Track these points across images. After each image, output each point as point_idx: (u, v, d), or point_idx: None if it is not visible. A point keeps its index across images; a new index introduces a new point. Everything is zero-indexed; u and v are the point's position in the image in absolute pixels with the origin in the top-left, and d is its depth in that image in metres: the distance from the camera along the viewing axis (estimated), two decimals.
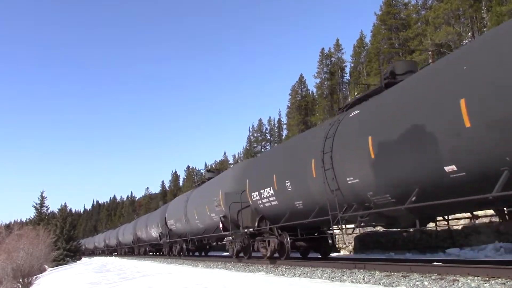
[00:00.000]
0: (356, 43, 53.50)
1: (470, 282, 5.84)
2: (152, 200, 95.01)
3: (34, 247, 29.26)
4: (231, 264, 15.29)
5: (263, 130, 67.62)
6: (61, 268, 36.94)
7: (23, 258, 27.21)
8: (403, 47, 40.44)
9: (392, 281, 6.85)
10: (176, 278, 10.77)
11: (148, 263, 23.20)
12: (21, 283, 26.30)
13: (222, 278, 9.86)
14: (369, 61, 46.71)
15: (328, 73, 53.29)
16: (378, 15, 43.49)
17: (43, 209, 53.70)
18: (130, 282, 11.77)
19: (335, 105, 48.41)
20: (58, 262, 42.37)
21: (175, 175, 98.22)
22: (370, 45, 47.31)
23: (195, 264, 17.83)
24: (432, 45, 36.74)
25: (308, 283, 7.73)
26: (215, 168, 25.46)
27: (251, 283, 8.33)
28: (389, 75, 8.75)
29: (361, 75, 49.63)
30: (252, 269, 12.22)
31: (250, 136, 70.22)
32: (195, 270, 14.27)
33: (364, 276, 7.80)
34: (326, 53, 54.13)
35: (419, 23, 41.32)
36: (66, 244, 46.43)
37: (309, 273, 9.50)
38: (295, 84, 57.74)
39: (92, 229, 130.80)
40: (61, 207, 55.56)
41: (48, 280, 24.19)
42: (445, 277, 6.47)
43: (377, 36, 43.28)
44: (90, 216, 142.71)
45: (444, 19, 35.92)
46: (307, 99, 55.94)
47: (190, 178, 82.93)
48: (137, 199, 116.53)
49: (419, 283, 6.34)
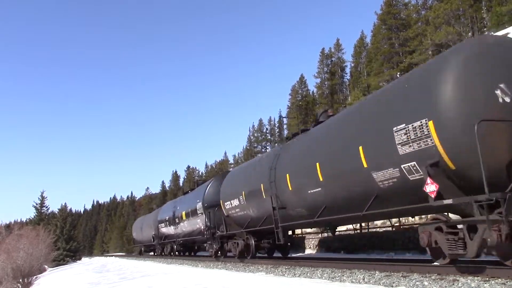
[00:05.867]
0: (357, 43, 53.51)
1: (470, 282, 5.83)
2: (152, 200, 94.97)
3: (34, 247, 29.27)
4: (231, 264, 15.29)
5: (264, 130, 67.62)
6: (61, 268, 36.94)
7: (23, 258, 27.23)
8: (403, 47, 40.42)
9: (392, 281, 6.84)
10: (176, 278, 10.77)
11: (148, 263, 23.19)
12: (21, 283, 26.31)
13: (222, 278, 9.85)
14: (369, 61, 46.70)
15: (329, 73, 53.29)
16: (378, 14, 43.46)
17: (43, 209, 53.72)
18: (130, 282, 11.76)
19: (335, 105, 48.41)
20: (58, 262, 42.39)
21: (175, 175, 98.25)
22: (371, 45, 47.30)
23: (195, 264, 17.82)
24: (432, 45, 36.75)
25: (308, 283, 7.72)
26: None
27: (251, 283, 8.32)
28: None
29: (361, 75, 49.61)
30: (252, 269, 12.21)
31: (250, 136, 70.22)
32: (195, 270, 14.27)
33: (364, 276, 7.79)
34: (327, 53, 54.13)
35: (419, 23, 41.32)
36: (66, 244, 46.45)
37: (309, 273, 9.49)
38: (296, 84, 57.77)
39: (92, 229, 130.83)
40: (61, 207, 55.63)
41: (48, 280, 24.18)
42: (445, 277, 6.46)
43: (377, 36, 43.26)
44: (90, 216, 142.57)
45: (444, 19, 35.91)
46: (307, 99, 55.93)
47: (190, 178, 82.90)
48: (137, 199, 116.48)
49: (419, 283, 6.33)
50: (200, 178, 74.90)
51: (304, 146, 11.07)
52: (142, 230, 36.75)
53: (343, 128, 9.32)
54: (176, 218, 24.28)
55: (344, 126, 9.28)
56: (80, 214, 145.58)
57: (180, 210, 23.25)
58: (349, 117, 9.33)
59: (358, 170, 8.09)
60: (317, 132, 10.94)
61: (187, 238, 23.37)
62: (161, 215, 29.47)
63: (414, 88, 7.01)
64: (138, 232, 39.07)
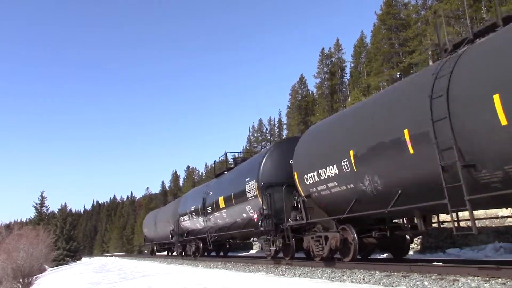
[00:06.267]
0: (357, 43, 53.49)
1: (470, 282, 5.84)
2: (152, 200, 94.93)
3: (34, 247, 29.26)
4: (231, 264, 15.28)
5: (263, 130, 67.57)
6: (61, 268, 36.95)
7: (23, 258, 27.22)
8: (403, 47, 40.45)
9: (392, 281, 6.85)
10: (176, 278, 10.77)
11: (148, 263, 23.20)
12: (21, 283, 26.30)
13: (222, 278, 9.86)
14: (369, 61, 46.71)
15: (328, 73, 53.27)
16: (378, 14, 43.47)
17: (43, 209, 53.75)
18: (130, 282, 11.77)
19: (335, 105, 48.37)
20: (58, 262, 42.40)
21: (175, 175, 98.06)
22: (371, 45, 47.31)
23: (195, 264, 17.82)
24: (432, 45, 36.74)
25: (308, 283, 7.73)
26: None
27: (251, 283, 8.33)
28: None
29: (361, 75, 49.63)
30: (252, 269, 12.21)
31: (250, 136, 70.13)
32: (195, 270, 14.27)
33: (364, 276, 7.79)
34: (326, 53, 54.10)
35: (419, 23, 41.32)
36: (66, 244, 46.46)
37: (309, 273, 9.49)
38: (295, 84, 57.76)
39: (92, 229, 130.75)
40: (61, 207, 55.68)
41: (48, 280, 24.18)
42: (445, 277, 6.46)
43: (377, 36, 43.28)
44: (90, 216, 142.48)
45: (444, 19, 35.88)
46: (307, 99, 55.91)
47: (190, 178, 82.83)
48: (137, 199, 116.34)
49: (419, 283, 6.33)
50: (200, 178, 74.83)
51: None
52: (156, 225, 31.23)
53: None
54: (208, 208, 19.18)
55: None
56: (80, 214, 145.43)
57: (215, 196, 18.20)
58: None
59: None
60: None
61: (226, 232, 17.85)
62: (183, 206, 24.25)
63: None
64: (151, 228, 33.50)
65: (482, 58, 6.26)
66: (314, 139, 11.18)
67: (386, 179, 7.90)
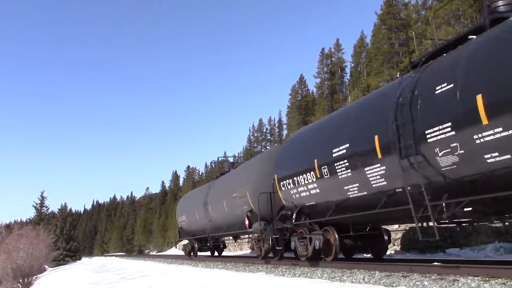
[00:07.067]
0: (357, 43, 53.47)
1: (470, 282, 5.83)
2: (152, 200, 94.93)
3: (34, 247, 29.27)
4: (231, 264, 15.28)
5: (263, 130, 67.55)
6: (61, 268, 36.95)
7: (23, 258, 27.22)
8: (403, 47, 40.44)
9: (392, 281, 6.85)
10: (176, 278, 10.77)
11: (148, 263, 23.20)
12: (21, 283, 26.30)
13: (222, 278, 9.86)
14: (369, 61, 46.70)
15: (328, 73, 53.26)
16: (378, 14, 43.48)
17: (43, 209, 53.80)
18: (130, 282, 11.77)
19: (335, 105, 48.38)
20: (58, 262, 42.42)
21: (175, 175, 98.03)
22: (371, 45, 47.30)
23: (195, 264, 17.82)
24: (432, 45, 36.72)
25: (308, 283, 7.73)
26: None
27: (251, 283, 8.33)
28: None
29: (361, 75, 49.62)
30: (252, 269, 12.21)
31: (250, 136, 70.12)
32: (195, 270, 14.26)
33: (364, 276, 7.79)
34: (326, 53, 54.08)
35: (419, 23, 41.32)
36: (66, 244, 46.48)
37: (309, 273, 9.49)
38: (295, 84, 57.75)
39: (92, 229, 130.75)
40: (61, 207, 55.75)
41: (48, 280, 24.19)
42: (445, 277, 6.46)
43: (377, 36, 43.28)
44: (90, 216, 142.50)
45: (444, 19, 35.90)
46: (307, 99, 55.90)
47: (190, 178, 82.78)
48: (137, 199, 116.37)
49: (419, 283, 6.33)
50: (200, 178, 74.80)
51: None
52: (208, 207, 18.68)
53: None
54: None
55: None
56: (80, 214, 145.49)
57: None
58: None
59: None
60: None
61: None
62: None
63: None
64: (191, 216, 21.47)
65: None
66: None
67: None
